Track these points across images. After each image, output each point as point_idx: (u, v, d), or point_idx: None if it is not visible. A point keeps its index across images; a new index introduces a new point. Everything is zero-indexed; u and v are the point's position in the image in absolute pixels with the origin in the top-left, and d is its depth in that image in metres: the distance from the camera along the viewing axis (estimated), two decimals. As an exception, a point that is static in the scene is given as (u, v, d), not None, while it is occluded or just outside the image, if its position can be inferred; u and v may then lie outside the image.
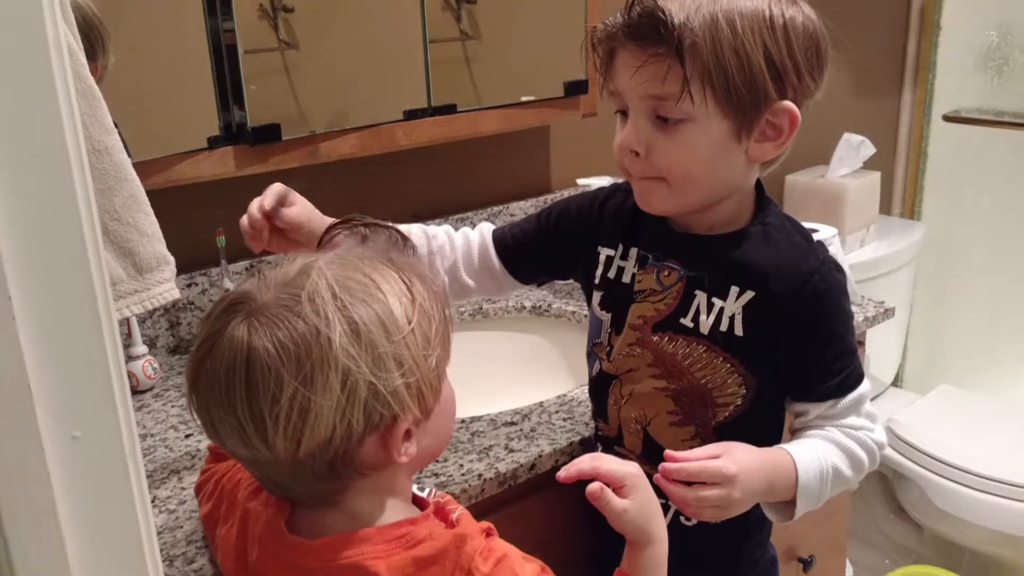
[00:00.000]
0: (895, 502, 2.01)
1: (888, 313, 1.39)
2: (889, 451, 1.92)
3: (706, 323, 0.85)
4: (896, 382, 2.32)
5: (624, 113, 0.83)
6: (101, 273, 0.34)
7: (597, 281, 0.93)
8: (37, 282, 0.33)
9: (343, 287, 0.60)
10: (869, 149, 1.95)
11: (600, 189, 0.98)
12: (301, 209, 0.89)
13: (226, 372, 0.59)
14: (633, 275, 0.90)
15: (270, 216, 0.87)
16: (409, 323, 0.61)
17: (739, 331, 0.84)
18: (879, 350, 1.93)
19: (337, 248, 0.69)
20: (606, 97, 0.86)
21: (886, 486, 2.02)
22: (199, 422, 0.63)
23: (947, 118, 2.20)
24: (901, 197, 2.35)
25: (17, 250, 0.32)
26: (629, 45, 0.79)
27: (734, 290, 0.84)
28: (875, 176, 1.98)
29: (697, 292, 0.86)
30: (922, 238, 2.09)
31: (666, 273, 0.88)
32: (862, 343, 1.42)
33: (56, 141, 0.32)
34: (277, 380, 0.58)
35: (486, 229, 1.01)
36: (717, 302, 0.85)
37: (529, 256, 0.99)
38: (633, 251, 0.91)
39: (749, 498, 0.80)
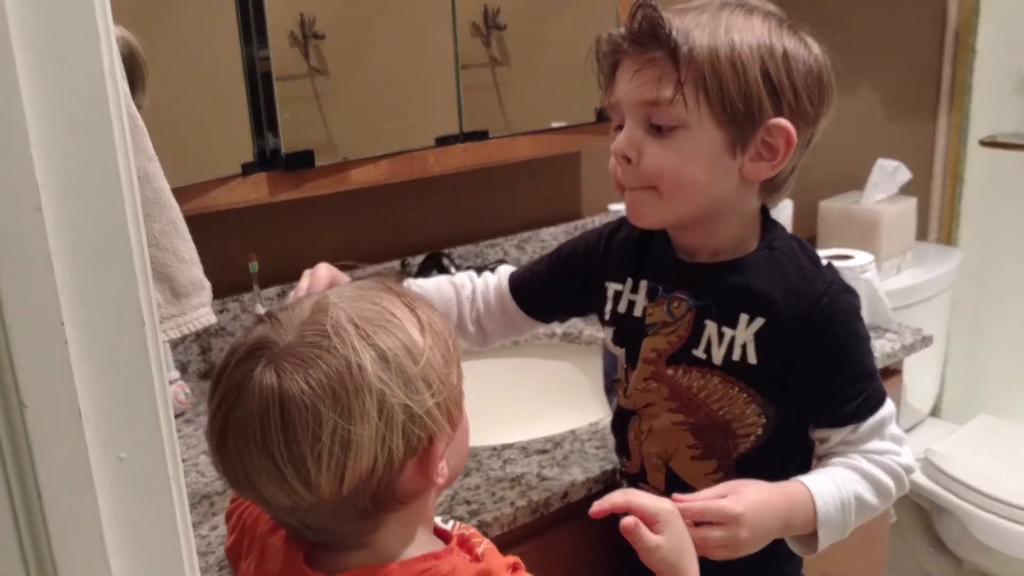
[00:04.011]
0: (934, 535, 1.96)
1: (926, 340, 1.36)
2: (927, 483, 1.87)
3: (718, 353, 0.84)
4: (934, 412, 2.28)
5: (622, 128, 0.83)
6: (149, 299, 0.34)
7: (608, 317, 0.93)
8: (89, 308, 0.33)
9: (362, 318, 0.61)
10: (904, 175, 1.92)
11: (607, 224, 0.98)
12: None
13: (260, 420, 0.58)
14: (644, 308, 0.89)
15: None
16: (428, 346, 0.62)
17: (752, 360, 0.83)
18: (916, 379, 1.89)
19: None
20: (607, 111, 0.87)
21: (924, 518, 1.97)
22: (228, 480, 0.61)
23: (983, 143, 2.18)
24: (937, 223, 2.32)
25: (71, 277, 0.33)
26: (630, 51, 0.80)
27: (743, 318, 0.83)
28: (911, 202, 1.96)
29: (707, 322, 0.85)
30: (959, 265, 2.05)
31: (676, 304, 0.87)
32: (899, 371, 1.40)
33: (109, 168, 0.33)
34: (316, 417, 0.57)
35: (504, 272, 1.02)
36: (728, 331, 0.84)
37: (543, 296, 1.00)
38: (643, 284, 0.90)
39: (760, 536, 0.78)
